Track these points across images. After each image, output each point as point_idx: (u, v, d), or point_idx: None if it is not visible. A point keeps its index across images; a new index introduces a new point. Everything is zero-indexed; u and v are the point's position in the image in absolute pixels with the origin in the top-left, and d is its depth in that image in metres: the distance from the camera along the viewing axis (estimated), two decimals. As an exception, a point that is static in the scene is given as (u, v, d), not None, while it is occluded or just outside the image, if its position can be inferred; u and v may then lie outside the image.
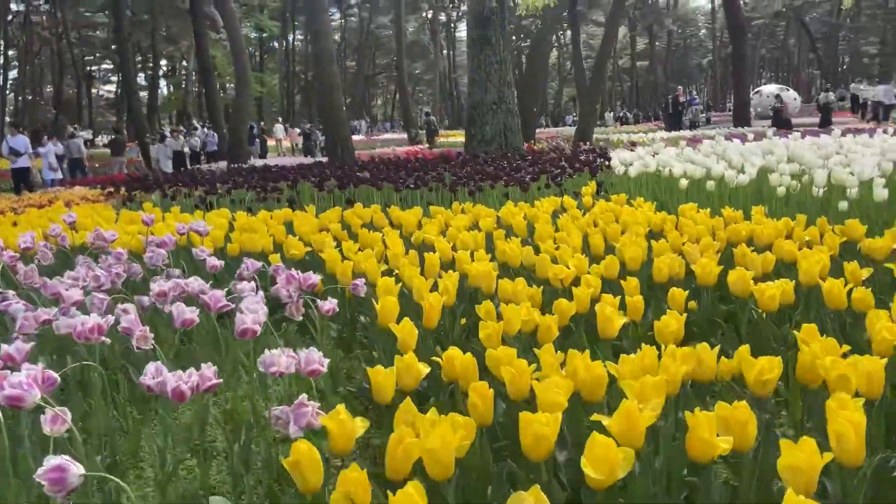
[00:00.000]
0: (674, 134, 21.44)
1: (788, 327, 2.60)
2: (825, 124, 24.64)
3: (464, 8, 55.02)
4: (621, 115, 38.58)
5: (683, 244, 3.37)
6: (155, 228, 4.52)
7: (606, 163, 6.96)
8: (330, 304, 2.39)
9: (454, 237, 3.91)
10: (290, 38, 51.78)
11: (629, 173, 5.47)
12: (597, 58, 20.31)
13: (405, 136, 39.00)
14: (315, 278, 2.61)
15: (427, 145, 28.25)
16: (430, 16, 42.65)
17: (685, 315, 2.36)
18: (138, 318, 2.23)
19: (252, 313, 2.04)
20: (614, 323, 2.22)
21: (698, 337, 2.78)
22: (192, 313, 2.08)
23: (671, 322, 2.29)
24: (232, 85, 43.08)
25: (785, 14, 45.65)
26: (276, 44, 52.56)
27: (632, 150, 8.01)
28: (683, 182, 4.92)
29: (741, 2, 26.07)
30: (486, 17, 9.45)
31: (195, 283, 2.64)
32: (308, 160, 23.02)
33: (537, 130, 22.79)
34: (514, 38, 56.22)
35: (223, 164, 22.50)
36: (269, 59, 51.79)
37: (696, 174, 4.99)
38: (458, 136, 35.44)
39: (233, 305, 2.26)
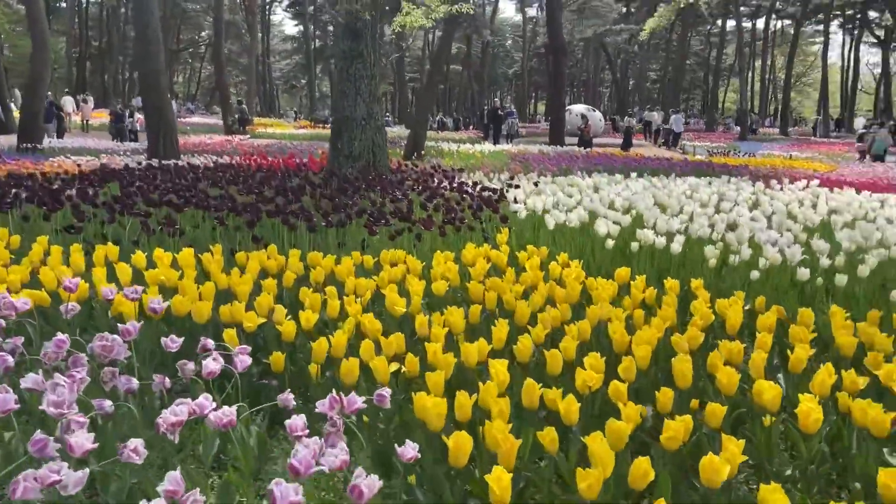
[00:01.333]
0: (500, 147, 22.24)
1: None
2: (627, 146, 26.90)
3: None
4: (438, 119, 39.33)
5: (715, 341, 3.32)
6: (43, 276, 3.74)
7: (495, 196, 6.95)
8: (412, 452, 2.04)
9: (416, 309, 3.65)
10: (83, -3, 46.82)
11: (546, 223, 5.45)
12: (432, 64, 20.49)
13: (215, 120, 36.86)
14: (359, 401, 2.25)
15: (243, 135, 26.99)
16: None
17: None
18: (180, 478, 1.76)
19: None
20: (722, 473, 2.11)
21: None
22: (297, 494, 1.61)
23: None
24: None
25: (587, 37, 49.21)
26: (63, 3, 47.30)
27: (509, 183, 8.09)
28: (609, 242, 4.99)
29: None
30: (359, 31, 9.10)
31: (207, 403, 2.16)
32: (117, 145, 20.93)
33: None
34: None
35: (7, 143, 19.73)
36: (55, 21, 46.42)
37: (615, 229, 5.09)
38: (276, 127, 34.14)
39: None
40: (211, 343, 2.90)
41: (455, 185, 7.84)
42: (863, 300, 4.18)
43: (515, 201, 6.69)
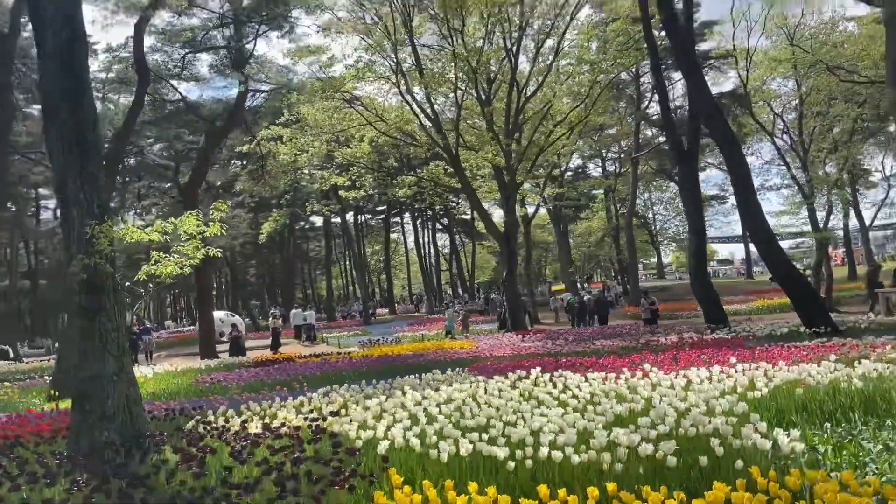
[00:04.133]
0: (158, 368, 20.90)
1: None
2: (276, 347, 27.52)
3: None
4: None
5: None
6: None
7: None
8: None
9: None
10: None
11: (431, 455, 5.75)
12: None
13: None
14: None
15: None
16: None
17: None
18: None
19: None
20: None
21: None
22: None
23: None
24: None
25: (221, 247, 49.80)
26: None
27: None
28: (511, 464, 5.54)
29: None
30: (99, 286, 8.60)
31: None
32: None
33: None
34: None
35: None
36: None
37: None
38: None
39: None
40: None
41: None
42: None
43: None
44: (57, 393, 14.95)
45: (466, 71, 24.65)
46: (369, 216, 63.93)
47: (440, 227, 61.33)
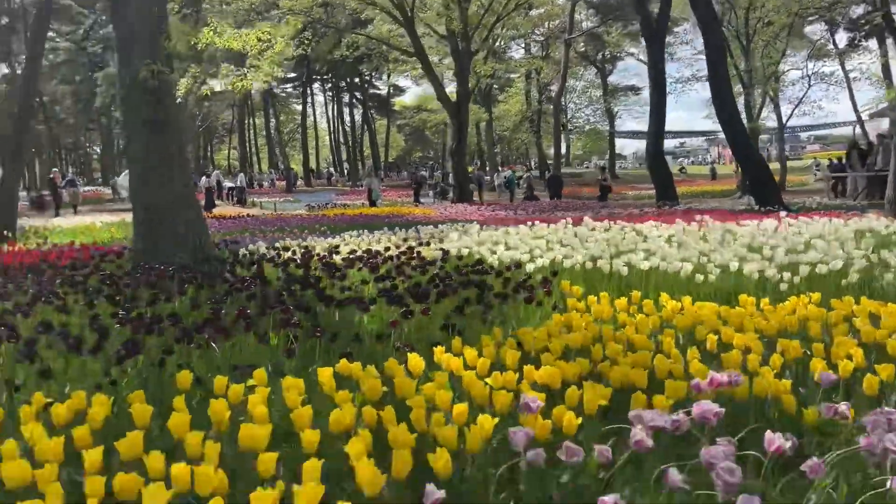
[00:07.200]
0: (107, 220, 19.55)
1: None
2: (210, 207, 26.32)
3: None
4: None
5: None
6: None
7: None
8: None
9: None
10: None
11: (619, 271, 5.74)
12: None
13: None
14: None
15: None
16: None
17: None
18: None
19: None
20: None
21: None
22: None
23: None
24: None
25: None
26: None
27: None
28: (688, 267, 5.66)
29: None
30: (163, 94, 7.86)
31: None
32: None
33: None
34: None
35: None
36: None
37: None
38: None
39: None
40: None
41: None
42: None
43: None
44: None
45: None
46: (275, 84, 60.54)
47: (355, 101, 59.33)
